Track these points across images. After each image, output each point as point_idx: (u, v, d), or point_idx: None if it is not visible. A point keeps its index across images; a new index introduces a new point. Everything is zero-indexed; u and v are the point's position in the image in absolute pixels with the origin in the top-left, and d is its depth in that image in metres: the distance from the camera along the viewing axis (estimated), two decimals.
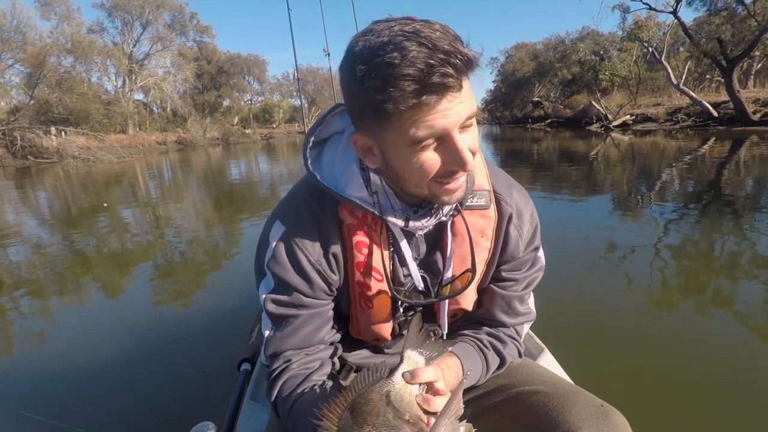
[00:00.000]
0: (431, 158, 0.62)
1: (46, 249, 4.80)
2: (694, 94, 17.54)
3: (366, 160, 0.69)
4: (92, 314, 2.97)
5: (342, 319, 0.87)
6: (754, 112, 15.11)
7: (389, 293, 0.79)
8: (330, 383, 0.78)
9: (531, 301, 0.92)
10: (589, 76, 25.87)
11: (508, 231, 0.81)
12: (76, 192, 9.80)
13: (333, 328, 0.84)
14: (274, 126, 45.62)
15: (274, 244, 0.76)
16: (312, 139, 0.76)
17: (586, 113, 24.61)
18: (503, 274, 0.85)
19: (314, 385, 0.76)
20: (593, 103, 23.01)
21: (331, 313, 0.83)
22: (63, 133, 19.32)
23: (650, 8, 16.93)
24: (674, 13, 16.21)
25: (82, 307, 3.14)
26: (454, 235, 0.79)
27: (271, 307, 0.78)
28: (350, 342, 0.91)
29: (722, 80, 18.96)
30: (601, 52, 27.37)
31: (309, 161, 0.76)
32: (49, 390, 2.01)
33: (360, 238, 0.76)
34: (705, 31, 17.27)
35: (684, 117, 18.22)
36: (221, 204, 7.31)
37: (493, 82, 48.17)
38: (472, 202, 0.78)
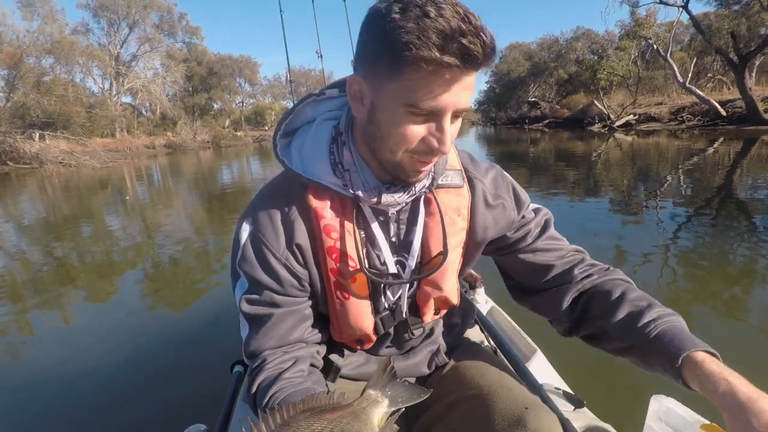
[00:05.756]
0: (417, 128, 0.62)
1: (31, 255, 4.69)
2: (701, 93, 17.09)
3: (353, 105, 0.68)
4: (84, 318, 2.94)
5: (324, 323, 0.84)
6: (766, 111, 14.72)
7: (366, 278, 0.75)
8: (301, 381, 0.73)
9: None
10: (587, 75, 25.51)
11: (481, 208, 0.80)
12: (62, 199, 9.36)
13: (314, 328, 0.81)
14: (266, 128, 44.90)
15: (242, 243, 0.75)
16: (283, 125, 0.77)
17: (586, 113, 24.24)
18: (514, 235, 0.85)
19: (284, 385, 0.72)
20: (595, 102, 22.63)
21: (309, 311, 0.79)
22: (45, 137, 18.46)
23: (660, 1, 16.44)
24: (685, 7, 15.78)
25: (74, 311, 3.09)
26: (429, 214, 0.77)
27: (245, 307, 0.76)
28: (338, 350, 0.89)
29: (724, 78, 18.65)
30: (600, 51, 27.08)
31: (278, 148, 0.76)
32: (42, 394, 2.01)
33: (328, 221, 0.73)
34: (711, 27, 16.83)
35: (689, 116, 17.84)
36: (213, 208, 7.26)
37: (486, 83, 48.06)
38: (444, 181, 0.78)
